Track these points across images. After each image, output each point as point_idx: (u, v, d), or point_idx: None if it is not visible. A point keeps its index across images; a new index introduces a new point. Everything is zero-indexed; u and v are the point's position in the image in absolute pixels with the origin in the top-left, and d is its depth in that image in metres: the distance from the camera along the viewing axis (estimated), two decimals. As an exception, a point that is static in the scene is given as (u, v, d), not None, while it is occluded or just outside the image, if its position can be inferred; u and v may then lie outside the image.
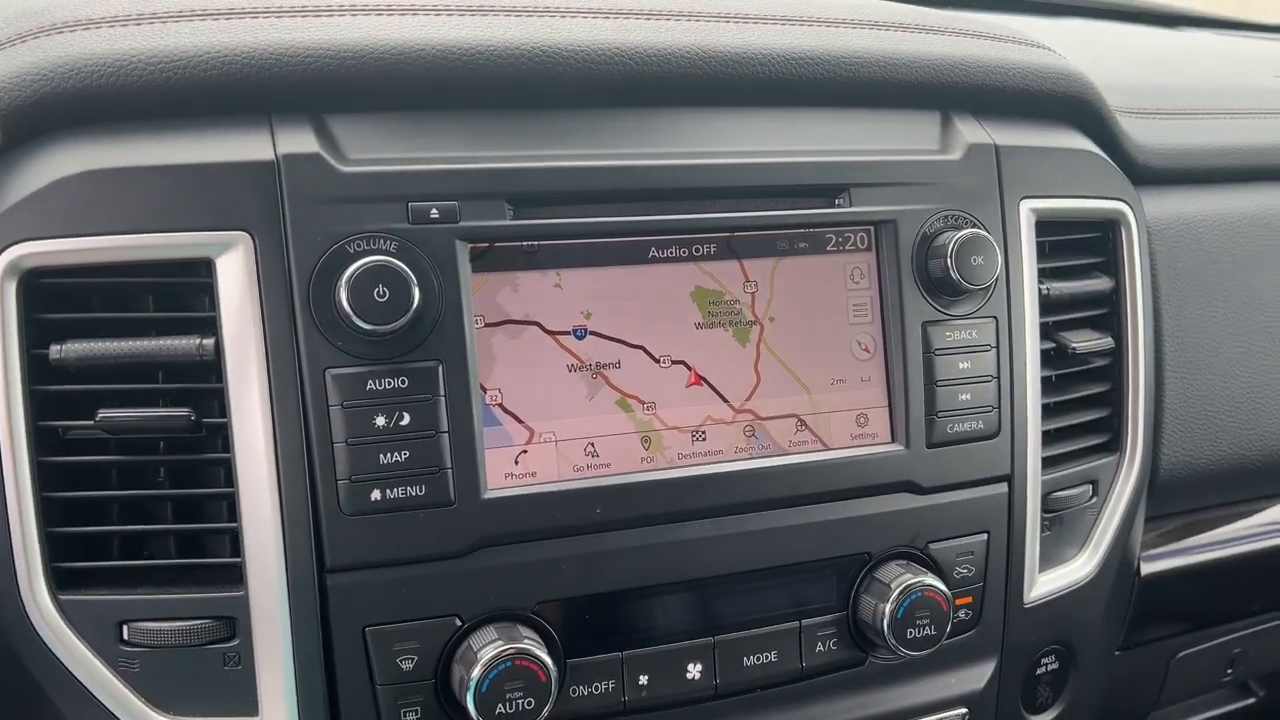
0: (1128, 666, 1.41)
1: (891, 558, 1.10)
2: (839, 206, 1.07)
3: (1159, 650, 1.44)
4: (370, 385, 0.91)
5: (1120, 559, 1.27)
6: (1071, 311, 1.24)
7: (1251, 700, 1.65)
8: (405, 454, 0.92)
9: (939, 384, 1.09)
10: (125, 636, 0.90)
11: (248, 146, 0.92)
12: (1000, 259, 1.10)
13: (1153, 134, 1.37)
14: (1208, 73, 1.73)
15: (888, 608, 1.05)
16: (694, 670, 1.03)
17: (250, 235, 0.90)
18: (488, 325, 0.97)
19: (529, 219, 0.97)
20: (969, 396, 1.11)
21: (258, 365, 0.90)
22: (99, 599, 0.90)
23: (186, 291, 0.93)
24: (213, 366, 0.91)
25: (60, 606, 0.89)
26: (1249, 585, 1.48)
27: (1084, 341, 1.22)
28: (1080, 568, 1.23)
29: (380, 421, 0.92)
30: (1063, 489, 1.22)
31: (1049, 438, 1.21)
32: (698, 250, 1.03)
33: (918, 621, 1.06)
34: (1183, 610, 1.44)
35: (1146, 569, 1.37)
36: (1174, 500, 1.39)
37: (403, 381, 0.92)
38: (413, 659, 0.94)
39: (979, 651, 1.16)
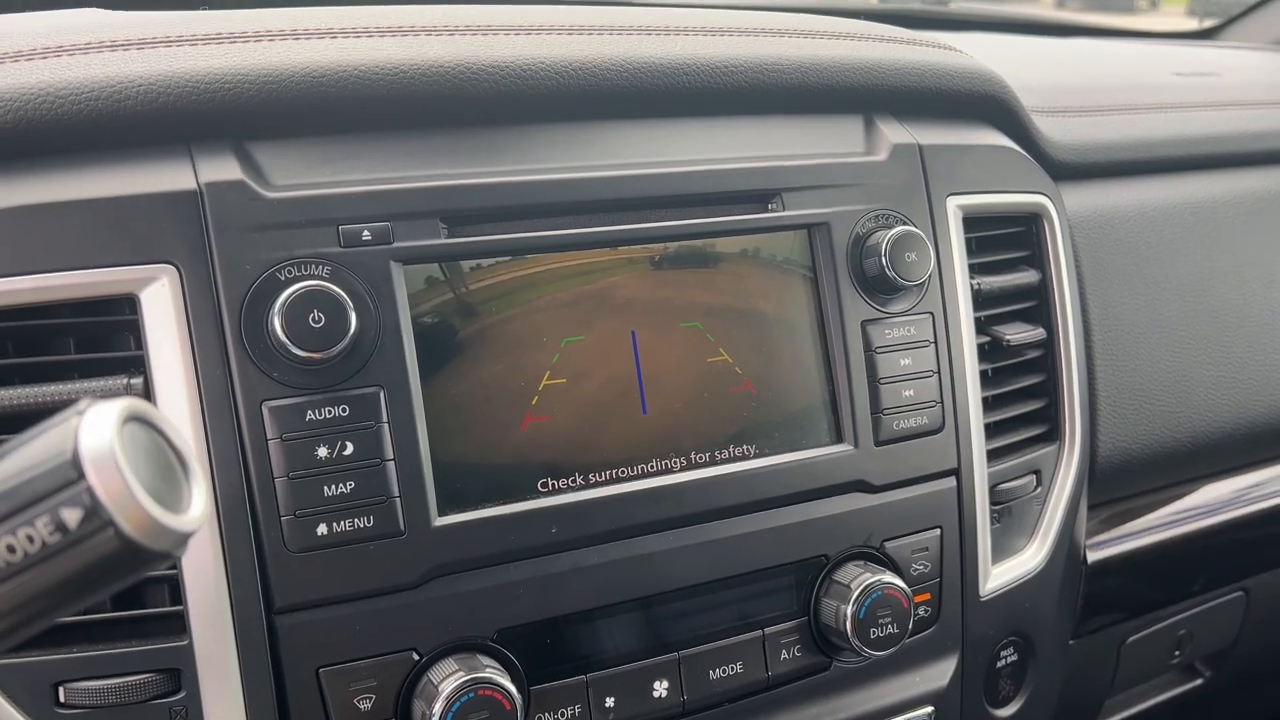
0: (1081, 654, 1.43)
1: (849, 558, 1.09)
2: (773, 211, 1.08)
3: (1110, 636, 1.46)
4: (310, 415, 0.88)
5: (1068, 547, 1.29)
6: (1002, 305, 1.26)
7: (1199, 681, 1.67)
8: (350, 485, 0.89)
9: (882, 382, 1.10)
10: (62, 699, 0.85)
11: (168, 177, 0.89)
12: (932, 254, 1.12)
13: (1065, 131, 1.41)
14: (1111, 73, 1.79)
15: (849, 609, 1.05)
16: (660, 688, 1.01)
17: (175, 267, 0.87)
18: (428, 347, 0.94)
19: (464, 236, 0.95)
20: (912, 393, 1.12)
21: (190, 402, 0.87)
22: (31, 661, 0.85)
23: (110, 330, 0.89)
24: (142, 408, 0.87)
25: (-10, 672, 0.84)
26: (1188, 567, 1.51)
27: (1017, 334, 1.24)
28: (1031, 558, 1.24)
29: (322, 453, 0.89)
30: (1008, 480, 1.23)
31: (991, 431, 1.22)
32: (637, 260, 1.03)
33: (880, 620, 1.05)
34: (1129, 596, 1.46)
35: (1092, 556, 1.39)
36: (1114, 486, 1.42)
37: (344, 410, 0.89)
38: (370, 698, 0.90)
39: (940, 648, 1.16)
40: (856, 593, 1.05)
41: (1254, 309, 1.52)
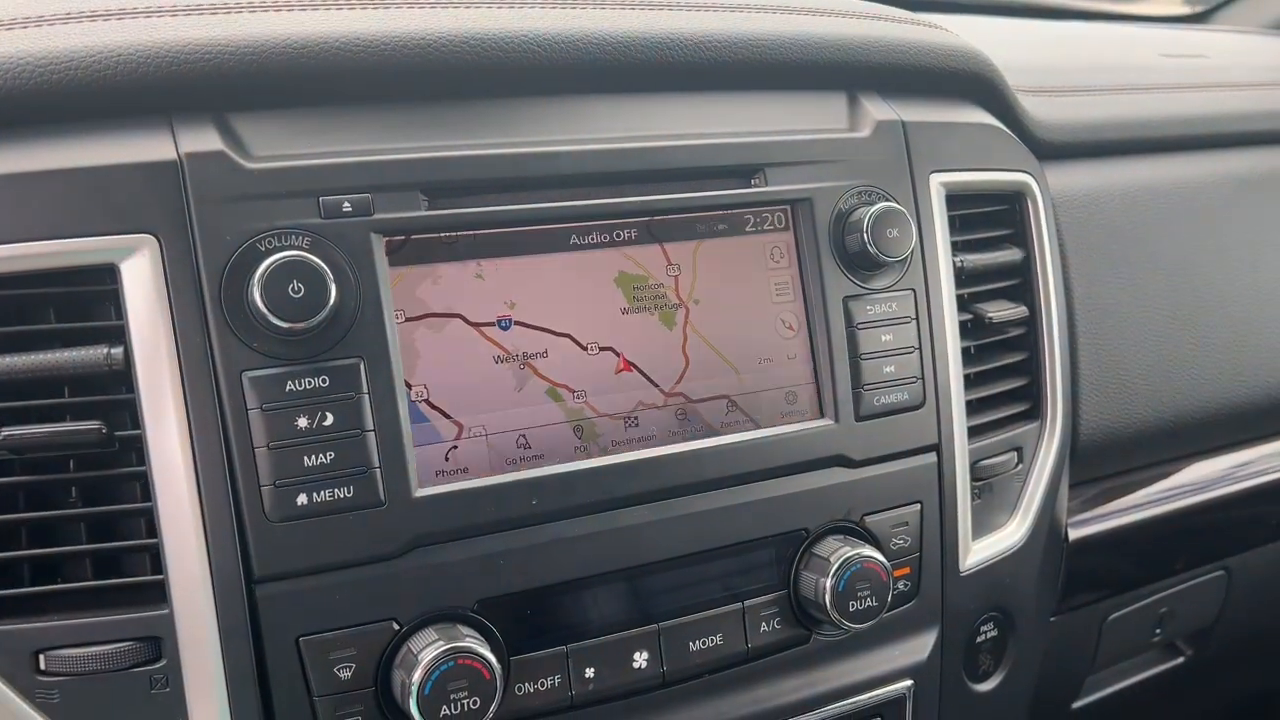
0: (1063, 631, 1.44)
1: (829, 533, 1.10)
2: (755, 186, 1.08)
3: (1091, 614, 1.47)
4: (290, 386, 0.89)
5: (1049, 524, 1.30)
6: (985, 283, 1.26)
7: (1180, 660, 1.69)
8: (330, 455, 0.90)
9: (863, 357, 1.10)
10: (42, 666, 0.86)
11: (148, 147, 0.89)
12: (914, 231, 1.12)
13: (1051, 110, 1.42)
14: (1098, 55, 1.79)
15: (828, 582, 1.05)
16: (640, 659, 1.02)
17: (155, 238, 0.87)
18: (409, 320, 0.95)
19: (445, 209, 0.95)
20: (893, 369, 1.12)
21: (170, 372, 0.87)
22: (11, 629, 0.85)
23: (91, 300, 0.89)
24: (123, 376, 0.87)
25: (-30, 642, 0.85)
26: (1170, 546, 1.52)
27: (999, 311, 1.25)
28: (1011, 534, 1.25)
29: (302, 423, 0.89)
30: (989, 457, 1.24)
31: (973, 408, 1.23)
32: (619, 235, 1.03)
33: (859, 593, 1.06)
34: (1110, 573, 1.47)
35: (1074, 534, 1.40)
36: (1096, 465, 1.42)
37: (323, 380, 0.90)
38: (350, 667, 0.91)
39: (920, 622, 1.17)
40: (835, 566, 1.05)
41: (1238, 290, 1.53)
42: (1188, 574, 1.56)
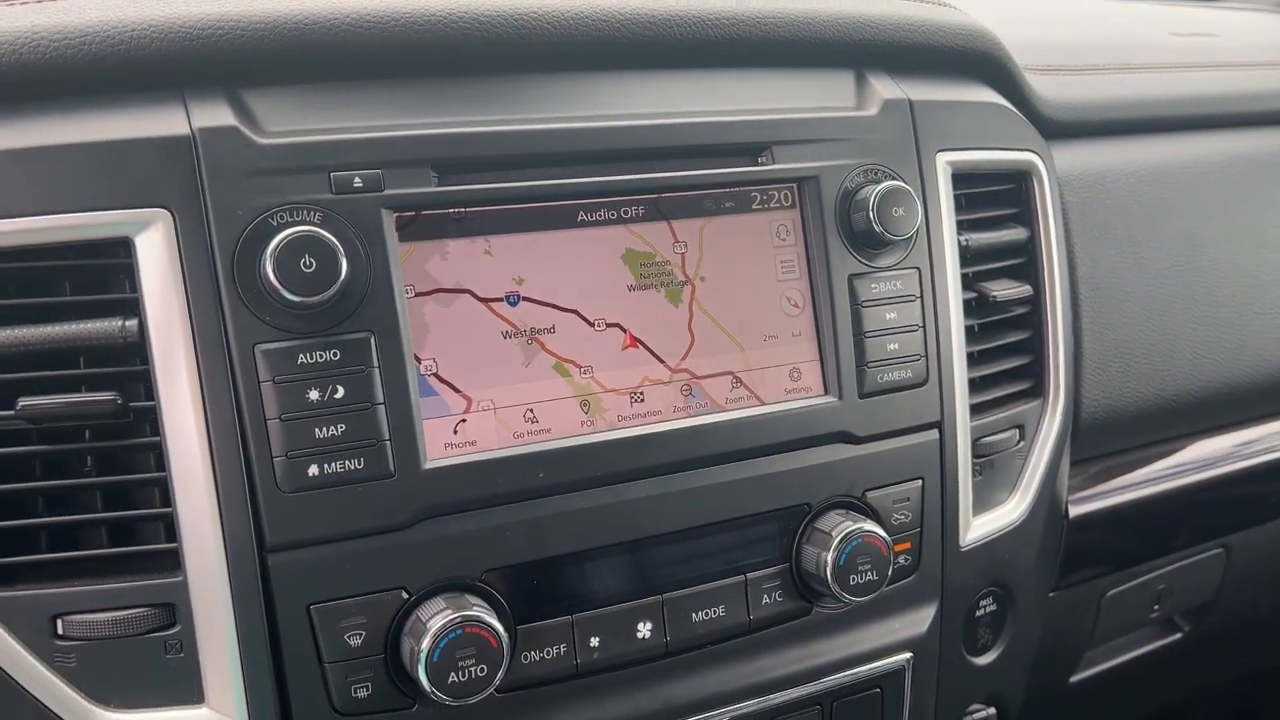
0: (1062, 606, 1.45)
1: (831, 507, 1.11)
2: (762, 165, 1.09)
3: (1090, 590, 1.49)
4: (301, 359, 0.90)
5: (1049, 502, 1.31)
6: (990, 262, 1.27)
7: (1178, 636, 1.71)
8: (341, 427, 0.91)
9: (867, 335, 1.11)
10: (60, 631, 0.88)
11: (162, 122, 0.90)
12: (920, 210, 1.13)
13: (1058, 89, 1.42)
14: (1106, 33, 1.78)
15: (830, 556, 1.07)
16: (644, 629, 1.04)
17: (169, 212, 0.88)
18: (418, 295, 0.96)
19: (455, 185, 0.96)
20: (897, 346, 1.13)
21: (184, 344, 0.88)
22: (30, 594, 0.87)
23: (105, 273, 0.90)
24: (137, 348, 0.89)
25: (-10, 605, 0.87)
26: (1170, 523, 1.53)
27: (1003, 290, 1.26)
28: (1012, 510, 1.27)
29: (314, 395, 0.90)
30: (991, 434, 1.25)
31: (975, 385, 1.24)
32: (626, 213, 1.04)
33: (859, 567, 1.08)
34: (1110, 550, 1.48)
35: (1074, 511, 1.42)
36: (1097, 443, 1.44)
37: (334, 354, 0.91)
38: (360, 634, 0.93)
39: (920, 596, 1.19)
40: (837, 540, 1.07)
41: (1243, 270, 1.53)
42: (1187, 551, 1.58)
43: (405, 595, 0.94)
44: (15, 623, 0.87)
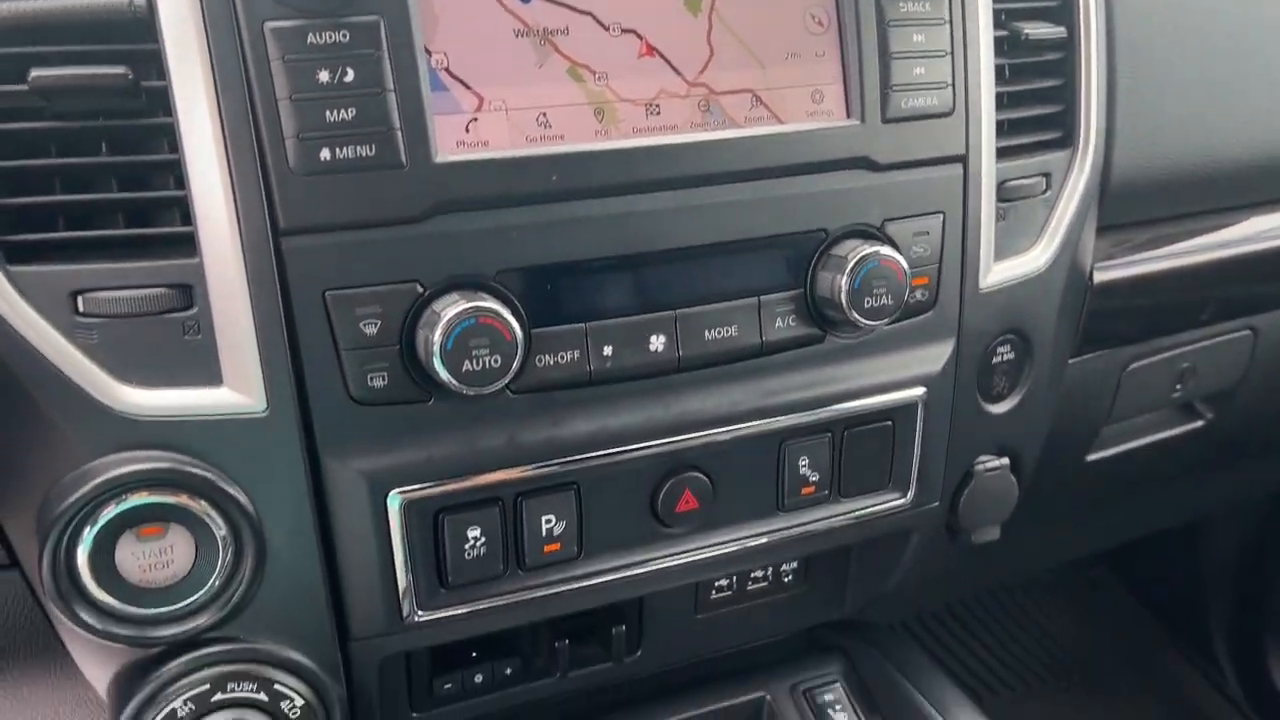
0: (1082, 375, 1.45)
1: (849, 235, 1.10)
2: None
3: (1111, 360, 1.48)
4: (310, 39, 0.89)
5: (1073, 257, 1.29)
6: (1024, 0, 1.23)
7: (1200, 424, 1.70)
8: (352, 111, 0.90)
9: (894, 57, 1.08)
10: (80, 308, 0.89)
11: None
12: (953, -73, 1.08)
13: None
14: None
15: (844, 279, 1.06)
16: (657, 342, 1.04)
17: None
18: (430, -16, 0.94)
19: None
20: (923, 71, 1.10)
21: (194, 20, 0.87)
22: (49, 269, 0.89)
23: (114, -54, 0.89)
24: (147, 25, 0.88)
25: (11, 279, 0.88)
26: (1197, 296, 1.51)
27: (1037, 30, 1.21)
28: (1035, 259, 1.25)
29: (324, 77, 0.89)
30: (1017, 179, 1.22)
31: (1003, 129, 1.21)
32: (644, -88, 1.00)
33: (875, 290, 1.07)
34: (1133, 319, 1.47)
35: (1100, 277, 1.40)
36: (1126, 209, 1.40)
37: (344, 35, 0.90)
38: (376, 323, 0.94)
39: (936, 334, 1.18)
40: (852, 263, 1.06)
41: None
42: (1213, 330, 1.56)
43: (420, 290, 0.95)
44: (37, 298, 0.88)
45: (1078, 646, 2.82)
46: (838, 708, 1.39)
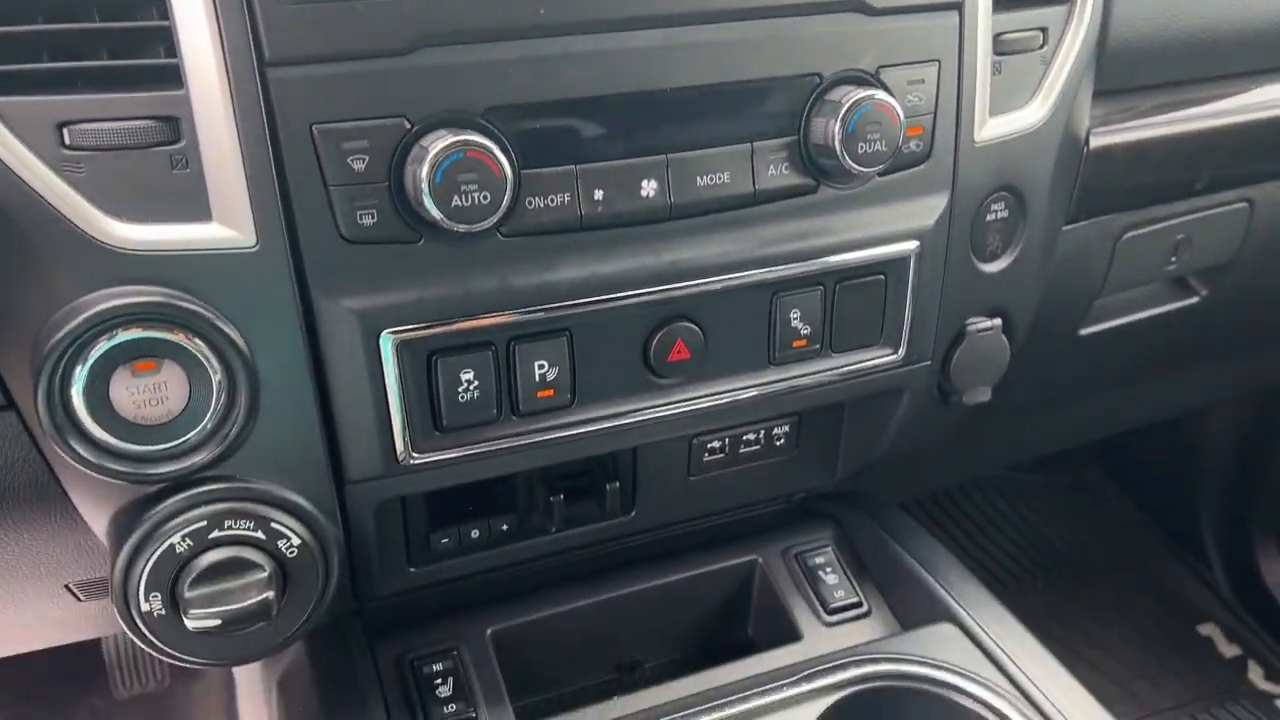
0: (1076, 244, 1.44)
1: (843, 81, 1.09)
2: None
3: (1105, 229, 1.47)
4: None
5: (1068, 116, 1.28)
6: None
7: (1195, 300, 1.70)
8: (336, -63, 0.89)
9: (889, -104, 1.06)
10: (67, 140, 0.88)
11: None
12: None
13: None
14: None
15: (838, 124, 1.06)
16: (648, 187, 1.04)
17: None
18: None
19: None
20: (920, -88, 1.08)
21: None
22: (33, 100, 0.88)
23: None
24: None
25: (-6, 108, 0.87)
26: (1194, 162, 1.50)
27: (1035, -125, 1.19)
28: (1030, 115, 1.23)
29: (307, -100, 0.88)
30: (1014, 31, 1.21)
31: (1000, -19, 1.19)
32: None
33: (869, 136, 1.06)
34: (1129, 184, 1.46)
35: (1096, 141, 1.39)
36: (1125, 71, 1.39)
37: None
38: (364, 159, 0.93)
39: (930, 186, 1.17)
40: (846, 106, 1.05)
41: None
42: (1209, 200, 1.55)
43: (407, 125, 0.94)
44: (21, 128, 0.88)
45: (1069, 546, 2.87)
46: (828, 570, 1.41)
